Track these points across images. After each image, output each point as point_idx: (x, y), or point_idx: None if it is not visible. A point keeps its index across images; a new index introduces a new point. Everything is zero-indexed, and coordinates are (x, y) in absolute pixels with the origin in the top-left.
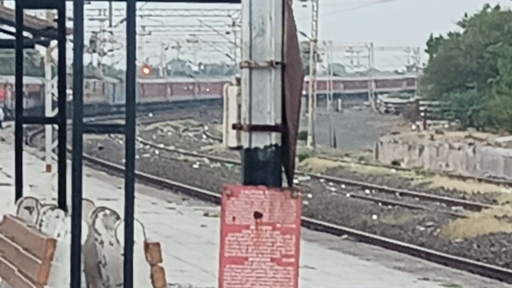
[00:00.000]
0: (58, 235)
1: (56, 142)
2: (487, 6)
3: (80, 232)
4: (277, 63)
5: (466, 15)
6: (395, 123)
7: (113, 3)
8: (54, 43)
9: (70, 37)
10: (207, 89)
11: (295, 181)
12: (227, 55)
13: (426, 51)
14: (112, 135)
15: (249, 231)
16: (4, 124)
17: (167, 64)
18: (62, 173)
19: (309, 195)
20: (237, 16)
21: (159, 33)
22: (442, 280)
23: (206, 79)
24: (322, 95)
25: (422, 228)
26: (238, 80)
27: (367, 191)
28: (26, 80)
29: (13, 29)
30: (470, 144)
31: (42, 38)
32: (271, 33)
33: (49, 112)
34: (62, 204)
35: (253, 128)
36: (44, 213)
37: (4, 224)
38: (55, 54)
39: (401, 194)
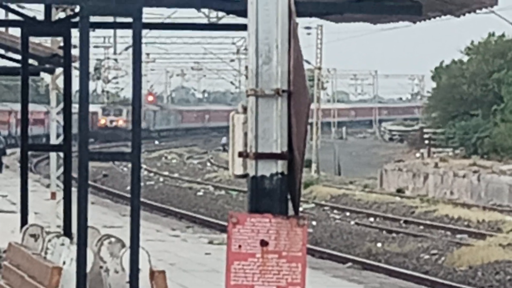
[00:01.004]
0: (64, 262)
1: (61, 169)
2: (492, 34)
3: (86, 260)
4: (283, 91)
5: (472, 43)
6: (400, 150)
7: (118, 30)
8: (59, 70)
9: (75, 64)
10: None
11: (300, 209)
12: (231, 82)
13: (432, 78)
14: (116, 162)
15: (255, 259)
16: (8, 151)
17: (171, 91)
18: (67, 201)
19: (314, 223)
20: (242, 43)
21: (164, 60)
22: None
23: None
24: (326, 123)
25: (426, 256)
26: (245, 108)
27: (372, 219)
28: (31, 107)
29: (18, 57)
30: (474, 172)
31: (48, 66)
32: (277, 61)
33: (54, 140)
34: (67, 232)
35: (259, 156)
36: (49, 240)
37: (9, 251)
38: (60, 81)
39: (406, 222)
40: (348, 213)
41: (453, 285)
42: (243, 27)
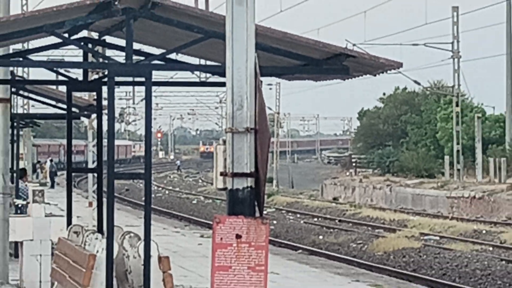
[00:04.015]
0: (97, 251)
1: (95, 186)
2: (398, 88)
3: (112, 249)
4: (251, 129)
5: (384, 94)
6: (335, 170)
7: (135, 87)
8: (94, 115)
9: (105, 111)
10: None
11: (264, 212)
12: (216, 123)
13: (357, 118)
14: (134, 180)
15: (232, 248)
16: (59, 173)
17: (173, 130)
18: (100, 207)
19: (274, 222)
20: (223, 96)
21: (168, 108)
22: (369, 281)
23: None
24: (283, 151)
25: (354, 245)
26: (224, 141)
27: (315, 219)
28: (74, 142)
29: (64, 106)
30: (388, 185)
31: (86, 112)
32: (247, 108)
33: (90, 164)
34: (99, 229)
35: (235, 175)
36: (87, 236)
37: (59, 244)
38: (94, 123)
39: (340, 221)
40: (298, 215)
41: (373, 265)
42: (224, 84)
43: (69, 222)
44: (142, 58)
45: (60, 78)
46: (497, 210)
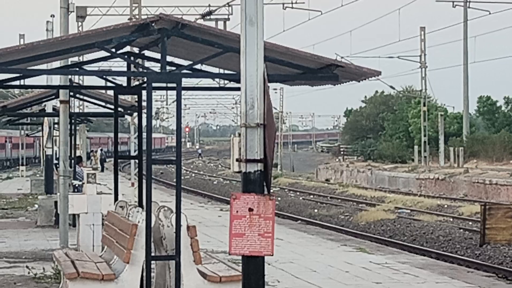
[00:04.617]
0: (138, 222)
1: (136, 170)
2: (377, 91)
3: (150, 220)
4: (261, 124)
5: (365, 97)
6: (327, 157)
7: (169, 91)
8: (135, 114)
9: (144, 111)
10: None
11: (271, 190)
12: (232, 120)
13: (344, 116)
14: (167, 165)
15: (246, 219)
16: (107, 160)
17: (198, 125)
18: (140, 187)
19: (279, 198)
20: (238, 98)
21: (194, 108)
22: (354, 246)
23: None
24: (285, 142)
25: (342, 217)
26: (239, 134)
27: (311, 196)
28: (119, 135)
29: (112, 106)
30: (369, 169)
31: (129, 111)
32: (258, 107)
33: (132, 153)
34: (140, 204)
35: (248, 161)
36: (130, 209)
37: (108, 216)
38: (135, 120)
39: (331, 197)
40: (298, 193)
41: (357, 233)
42: (238, 89)
43: (116, 199)
44: (174, 68)
45: (109, 84)
46: (456, 189)
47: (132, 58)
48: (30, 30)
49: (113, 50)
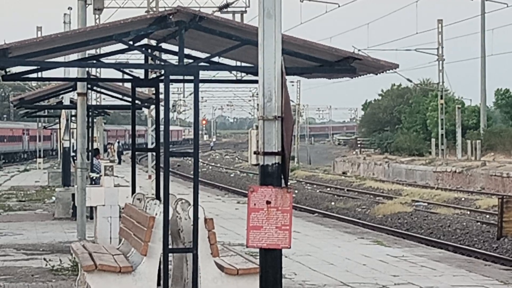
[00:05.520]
0: (156, 214)
1: (153, 162)
2: (394, 84)
3: (168, 212)
4: (278, 117)
5: (382, 90)
6: (344, 150)
7: (186, 84)
8: (152, 106)
9: (161, 103)
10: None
11: (288, 183)
12: (249, 113)
13: (362, 109)
14: (185, 158)
15: (263, 211)
16: (124, 152)
17: (215, 118)
18: (157, 180)
19: (296, 191)
20: (255, 91)
21: (211, 100)
22: (371, 238)
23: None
24: (302, 135)
25: (359, 209)
26: (257, 127)
27: (328, 188)
28: (137, 127)
29: (129, 99)
30: (386, 162)
31: (146, 104)
32: (275, 100)
33: (150, 145)
34: (158, 197)
35: (265, 153)
36: (148, 202)
37: (125, 208)
38: (153, 113)
39: (348, 190)
40: (315, 186)
41: (374, 226)
42: (256, 82)
43: (133, 191)
44: (191, 60)
45: (126, 76)
46: (473, 182)
47: (149, 50)
48: (48, 22)
49: (131, 42)
